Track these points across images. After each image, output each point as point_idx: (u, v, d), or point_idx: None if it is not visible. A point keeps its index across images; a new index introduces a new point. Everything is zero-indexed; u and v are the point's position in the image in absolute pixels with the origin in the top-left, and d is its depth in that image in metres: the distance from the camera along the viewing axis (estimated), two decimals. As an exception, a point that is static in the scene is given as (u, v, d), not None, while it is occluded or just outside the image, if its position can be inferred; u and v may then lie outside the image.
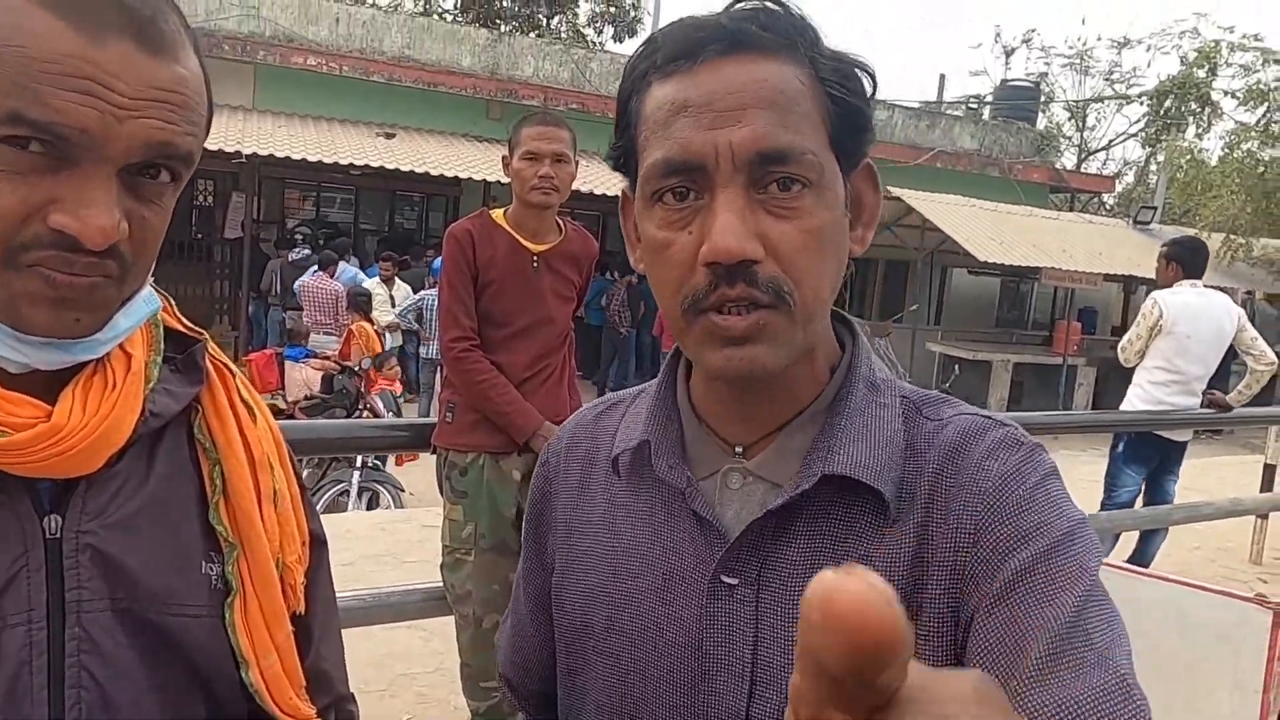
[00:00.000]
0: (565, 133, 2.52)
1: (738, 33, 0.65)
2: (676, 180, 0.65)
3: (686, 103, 0.64)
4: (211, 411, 0.75)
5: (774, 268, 0.64)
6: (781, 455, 0.71)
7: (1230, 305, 4.51)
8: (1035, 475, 0.67)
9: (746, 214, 0.63)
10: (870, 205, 0.74)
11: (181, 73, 0.63)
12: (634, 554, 0.75)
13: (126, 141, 0.60)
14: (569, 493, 0.83)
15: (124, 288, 0.65)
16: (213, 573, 0.73)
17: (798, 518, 0.69)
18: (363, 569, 4.26)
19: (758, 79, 0.64)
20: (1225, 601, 2.30)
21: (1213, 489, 5.81)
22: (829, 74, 0.67)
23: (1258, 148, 14.76)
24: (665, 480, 0.74)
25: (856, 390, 0.72)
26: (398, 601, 2.53)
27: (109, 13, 0.59)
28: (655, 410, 0.76)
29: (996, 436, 0.69)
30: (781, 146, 0.63)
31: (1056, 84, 23.88)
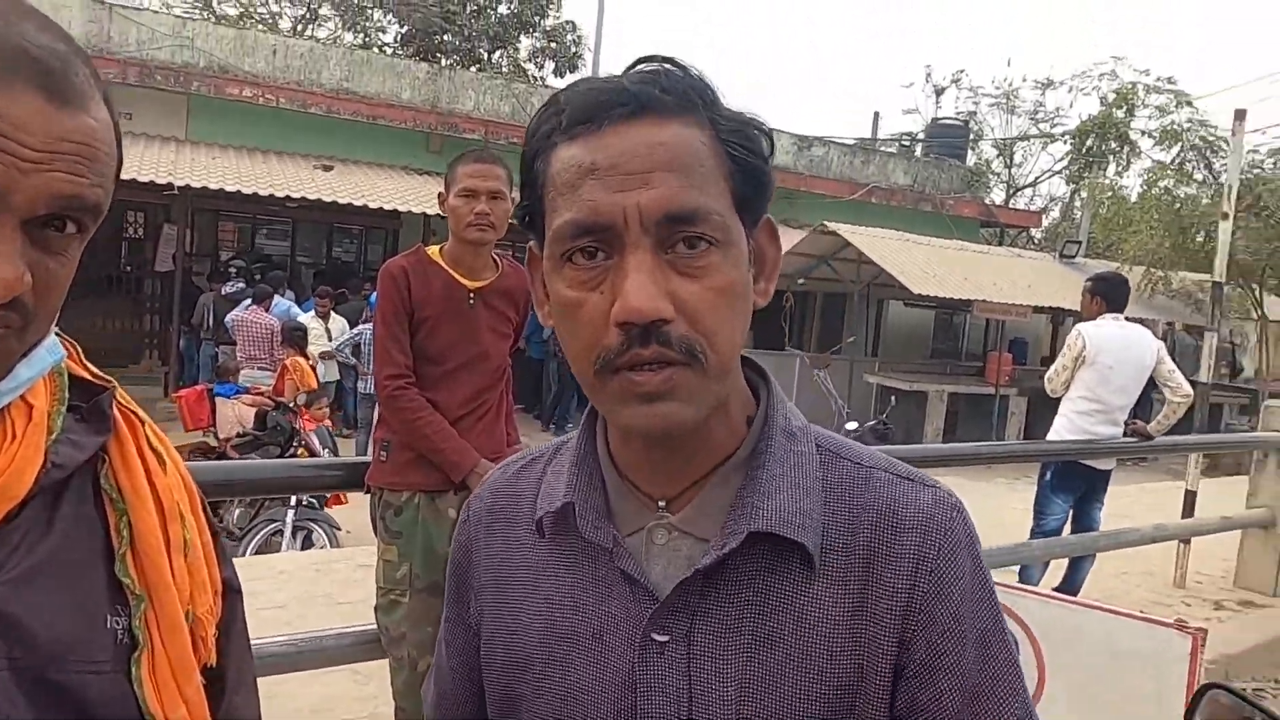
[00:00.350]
0: (501, 170, 2.53)
1: (641, 96, 0.66)
2: (586, 241, 0.66)
3: (594, 165, 0.65)
4: (119, 461, 0.73)
5: (685, 327, 0.65)
6: (705, 510, 0.72)
7: (1150, 338, 4.69)
8: (971, 553, 0.72)
9: (657, 274, 0.65)
10: (771, 259, 0.75)
11: (91, 124, 0.62)
12: (562, 615, 0.75)
13: (32, 194, 0.59)
14: (492, 554, 0.82)
15: (26, 338, 0.64)
16: (119, 626, 0.71)
17: (725, 572, 0.70)
18: (296, 611, 4.14)
19: (663, 142, 0.65)
20: (1148, 628, 2.37)
21: (1138, 515, 5.98)
22: (729, 134, 0.69)
23: (1173, 185, 15.41)
24: (591, 540, 0.74)
25: (775, 441, 0.73)
26: (331, 645, 2.47)
27: (17, 63, 0.58)
28: (576, 469, 0.76)
29: (928, 502, 0.73)
30: (689, 208, 0.65)
31: (985, 122, 24.70)
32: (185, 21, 13.60)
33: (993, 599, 0.73)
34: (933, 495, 0.73)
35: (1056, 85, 23.56)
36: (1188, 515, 5.36)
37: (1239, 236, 12.97)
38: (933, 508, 0.72)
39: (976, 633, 0.70)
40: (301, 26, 21.06)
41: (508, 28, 21.61)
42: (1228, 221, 5.57)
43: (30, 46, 0.59)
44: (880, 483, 0.73)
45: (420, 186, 12.00)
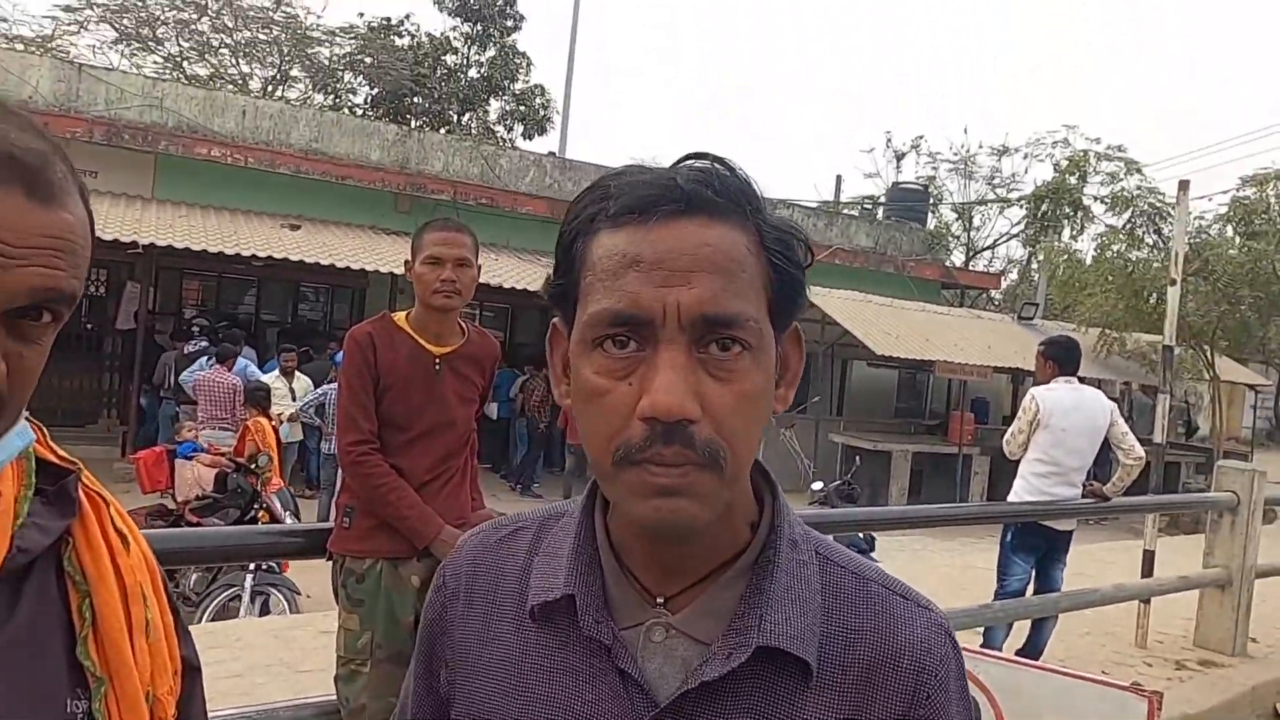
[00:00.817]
0: (467, 238, 2.57)
1: (692, 194, 0.66)
2: (620, 330, 0.66)
3: (639, 257, 0.66)
4: (83, 543, 0.74)
5: (709, 430, 0.65)
6: (706, 613, 0.72)
7: (1103, 400, 4.80)
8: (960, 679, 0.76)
9: (688, 373, 0.65)
10: (794, 367, 0.76)
11: (68, 219, 0.65)
12: (549, 704, 0.74)
13: (11, 289, 0.62)
14: (468, 631, 0.80)
15: (1, 425, 0.65)
16: (79, 710, 0.71)
17: (724, 680, 0.70)
18: (253, 680, 4.04)
19: (709, 242, 0.66)
20: (1106, 691, 2.40)
21: (1100, 574, 6.05)
22: (772, 242, 0.70)
23: (1125, 249, 15.88)
24: (591, 635, 0.73)
25: (781, 550, 0.74)
26: (288, 717, 2.42)
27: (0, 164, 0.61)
28: (576, 558, 0.75)
29: (922, 625, 0.76)
30: (728, 312, 0.65)
31: (944, 186, 25.36)
32: (155, 82, 13.67)
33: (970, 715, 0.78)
34: (926, 619, 0.76)
35: (1011, 152, 24.28)
36: (1147, 574, 5.43)
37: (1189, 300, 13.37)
38: (927, 633, 0.75)
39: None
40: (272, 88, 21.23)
41: (477, 91, 21.96)
42: (1175, 287, 5.75)
43: (13, 148, 0.62)
44: (877, 599, 0.76)
45: (388, 246, 12.04)
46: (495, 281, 11.27)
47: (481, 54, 22.10)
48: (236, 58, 21.34)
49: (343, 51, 21.23)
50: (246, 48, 21.08)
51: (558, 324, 0.76)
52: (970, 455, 14.08)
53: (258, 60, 21.43)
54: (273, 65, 21.46)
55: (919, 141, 25.12)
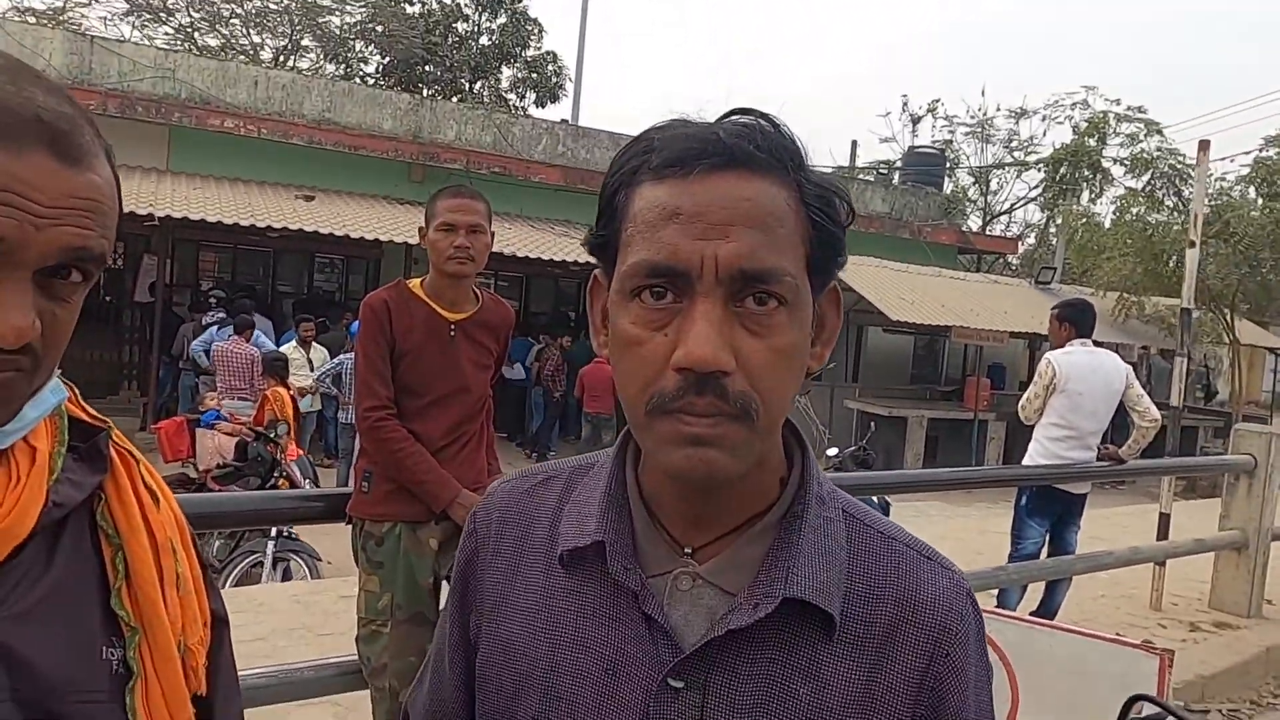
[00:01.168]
0: (481, 204, 2.58)
1: (734, 149, 0.67)
2: (658, 281, 0.67)
3: (678, 210, 0.66)
4: (115, 498, 0.77)
5: (743, 382, 0.66)
6: (734, 564, 0.73)
7: (1118, 362, 4.78)
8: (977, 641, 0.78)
9: (723, 326, 0.65)
10: (831, 326, 0.77)
11: (96, 180, 0.67)
12: (574, 647, 0.75)
13: (43, 248, 0.64)
14: (500, 572, 0.82)
15: (34, 381, 0.68)
16: (114, 658, 0.74)
17: (749, 629, 0.71)
18: (276, 643, 4.12)
19: (748, 197, 0.66)
20: (1117, 649, 2.43)
21: (1115, 538, 6.05)
22: (813, 199, 0.70)
23: (1145, 212, 15.69)
24: (619, 581, 0.74)
25: (809, 506, 0.75)
26: (311, 677, 2.47)
27: (28, 126, 0.63)
28: (607, 506, 0.76)
29: (946, 587, 0.77)
30: (765, 266, 0.66)
31: (961, 151, 25.08)
32: (167, 53, 13.66)
33: (989, 681, 0.79)
34: (949, 579, 0.77)
35: (1029, 114, 23.95)
36: (1162, 538, 5.43)
37: (1209, 262, 13.22)
38: (950, 592, 0.76)
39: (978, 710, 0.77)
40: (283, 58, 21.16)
41: (489, 58, 21.81)
42: (1194, 249, 5.70)
43: (41, 111, 0.64)
44: (902, 558, 0.77)
45: (402, 216, 12.05)
46: (509, 250, 11.27)
47: (493, 21, 21.92)
48: (247, 28, 21.27)
49: (353, 20, 21.11)
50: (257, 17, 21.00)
51: (599, 275, 0.76)
52: (986, 421, 14.04)
53: (269, 30, 21.35)
54: (284, 35, 21.37)
55: (935, 105, 24.82)
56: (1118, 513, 8.76)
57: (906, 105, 25.33)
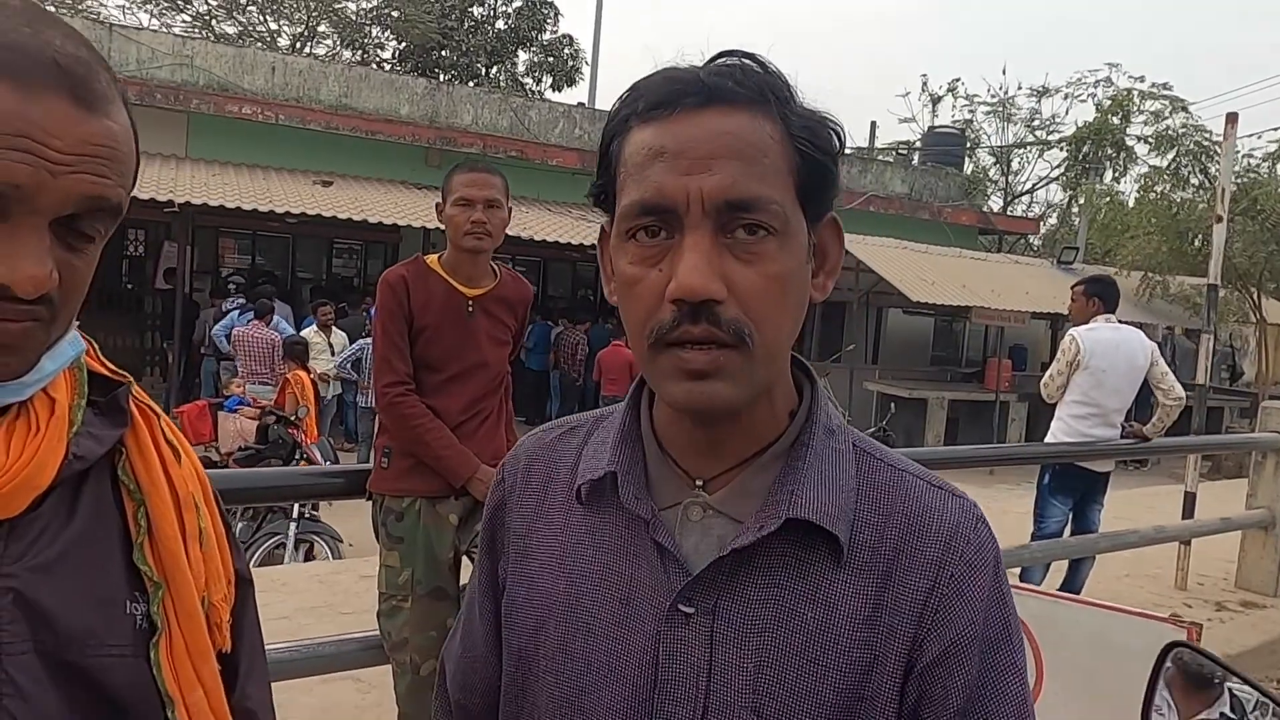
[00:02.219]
0: (497, 179, 2.57)
1: (713, 87, 0.69)
2: (649, 220, 0.69)
3: (662, 149, 0.69)
4: (136, 453, 0.76)
5: (736, 309, 0.68)
6: (743, 493, 0.75)
7: (1143, 340, 4.71)
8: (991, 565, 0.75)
9: (713, 256, 0.67)
10: (833, 256, 0.78)
11: (113, 127, 0.66)
12: (592, 579, 0.78)
13: (60, 195, 0.62)
14: (524, 515, 0.85)
15: (52, 332, 0.67)
16: (138, 612, 0.74)
17: (759, 554, 0.73)
18: (299, 622, 4.16)
19: (729, 130, 0.68)
20: (1143, 623, 2.40)
21: (1140, 517, 5.99)
22: (798, 130, 0.71)
23: (1169, 190, 15.48)
24: (630, 510, 0.76)
25: (816, 435, 0.76)
26: (333, 652, 2.49)
27: (44, 70, 0.61)
28: (621, 441, 0.79)
29: (954, 510, 0.76)
30: (748, 196, 0.67)
31: (981, 130, 24.78)
32: (185, 40, 13.71)
33: (1007, 609, 0.75)
34: (959, 505, 0.76)
35: (1051, 92, 23.61)
36: (1187, 517, 5.37)
37: (1235, 240, 13.03)
38: (959, 517, 0.75)
39: (987, 639, 0.73)
40: (300, 44, 21.19)
41: (505, 43, 21.76)
42: (1221, 225, 5.61)
43: (58, 55, 0.62)
44: (911, 487, 0.77)
45: (419, 201, 12.06)
46: (527, 234, 11.27)
47: (509, 5, 21.85)
48: (264, 14, 21.31)
49: (370, 5, 21.10)
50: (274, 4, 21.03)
51: (604, 225, 0.78)
52: (1007, 402, 13.94)
53: (285, 16, 21.39)
54: (300, 21, 21.40)
55: (955, 84, 24.52)
56: (1142, 492, 8.69)
57: (926, 85, 25.04)
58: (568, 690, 0.77)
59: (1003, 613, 0.75)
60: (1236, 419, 15.46)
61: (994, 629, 0.73)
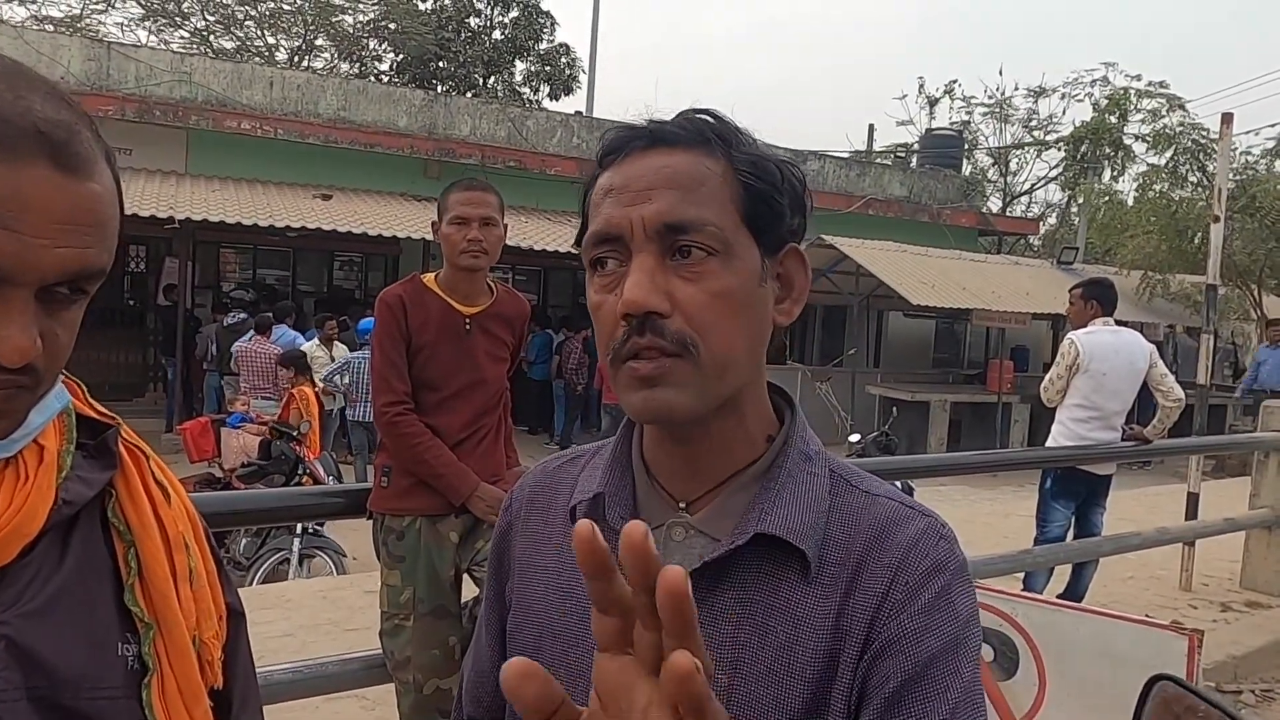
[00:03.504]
0: (493, 197, 2.57)
1: (656, 132, 0.77)
2: (604, 249, 0.76)
3: (611, 186, 0.77)
4: (125, 495, 0.77)
5: (680, 323, 0.73)
6: (721, 513, 0.79)
7: (1142, 342, 4.71)
8: (947, 574, 0.76)
9: (656, 274, 0.73)
10: (800, 285, 0.83)
11: (96, 190, 0.66)
12: (583, 600, 0.81)
13: (45, 268, 0.63)
14: (527, 538, 0.90)
15: (37, 394, 0.68)
16: (129, 654, 0.74)
17: (732, 570, 0.76)
18: (303, 639, 4.17)
19: (668, 165, 0.76)
20: (1144, 630, 2.40)
21: (1143, 519, 5.98)
22: (742, 164, 0.77)
23: (1168, 189, 15.46)
24: (617, 531, 0.78)
25: (791, 459, 0.81)
26: (336, 671, 2.49)
27: (26, 139, 0.61)
28: (611, 465, 0.84)
29: (920, 526, 0.78)
30: (684, 218, 0.74)
31: (979, 131, 24.79)
32: (183, 57, 13.76)
33: (959, 623, 0.75)
34: (925, 523, 0.79)
35: (1049, 92, 23.63)
36: (1190, 518, 5.36)
37: (1235, 238, 13.02)
38: (921, 533, 0.77)
39: (932, 645, 0.73)
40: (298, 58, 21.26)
41: (502, 53, 21.82)
42: (1219, 225, 5.61)
43: (39, 121, 0.62)
44: (882, 507, 0.80)
45: (419, 212, 12.09)
46: (526, 244, 11.29)
47: (505, 15, 21.92)
48: (262, 29, 21.38)
49: (366, 18, 21.17)
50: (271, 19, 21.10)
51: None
52: (1010, 404, 13.92)
53: (283, 31, 21.46)
54: (298, 35, 21.48)
55: (952, 86, 24.55)
56: (1145, 493, 8.67)
57: (923, 87, 25.09)
58: None
59: (954, 626, 0.74)
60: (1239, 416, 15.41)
61: (941, 639, 0.73)
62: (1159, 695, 0.86)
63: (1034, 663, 2.48)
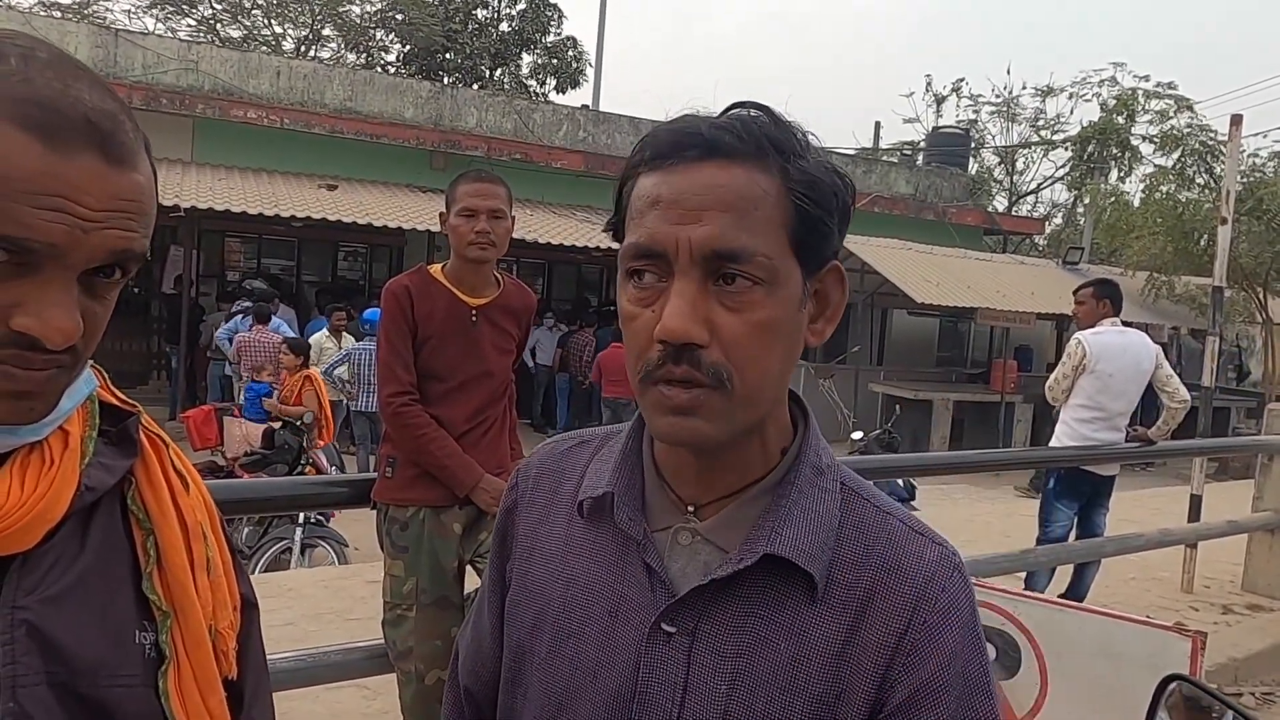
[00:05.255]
0: (501, 189, 2.57)
1: (712, 139, 0.72)
2: (643, 263, 0.73)
3: (659, 198, 0.72)
4: (145, 483, 0.77)
5: (718, 354, 0.71)
6: (730, 524, 0.78)
7: (1148, 343, 4.71)
8: (966, 613, 0.76)
9: (698, 302, 0.71)
10: (835, 303, 0.80)
11: (139, 180, 0.68)
12: (584, 589, 0.83)
13: (90, 251, 0.64)
14: (531, 520, 0.90)
15: (73, 376, 0.69)
16: (146, 642, 0.74)
17: (739, 584, 0.76)
18: (305, 628, 4.18)
19: (722, 183, 0.71)
20: (1148, 631, 2.39)
21: (1146, 520, 5.98)
22: (797, 184, 0.73)
23: (1175, 190, 15.42)
24: (624, 530, 0.81)
25: (803, 474, 0.79)
26: (339, 660, 2.50)
27: (77, 129, 0.63)
28: (621, 463, 0.83)
29: (933, 558, 0.78)
30: (735, 247, 0.70)
31: (986, 130, 24.74)
32: (190, 45, 13.75)
33: (982, 659, 0.76)
34: (938, 553, 0.78)
35: (1056, 92, 23.56)
36: (1194, 520, 5.36)
37: (1241, 240, 12.98)
38: (936, 565, 0.77)
39: (964, 686, 0.74)
40: (304, 48, 21.24)
41: (509, 45, 21.77)
42: (1226, 226, 5.59)
43: (89, 111, 0.64)
44: (892, 531, 0.79)
45: (424, 204, 12.08)
46: (531, 237, 11.28)
47: (512, 7, 21.87)
48: (269, 19, 21.35)
49: (373, 9, 21.12)
50: (278, 8, 21.07)
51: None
52: (1013, 403, 13.91)
53: (290, 20, 21.43)
54: (305, 25, 21.45)
55: (960, 84, 24.48)
56: (1148, 495, 8.66)
57: (930, 85, 25.03)
58: (555, 688, 0.82)
59: (979, 662, 0.76)
60: (1243, 419, 15.41)
61: (971, 678, 0.75)
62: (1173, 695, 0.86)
63: (1036, 662, 2.48)
